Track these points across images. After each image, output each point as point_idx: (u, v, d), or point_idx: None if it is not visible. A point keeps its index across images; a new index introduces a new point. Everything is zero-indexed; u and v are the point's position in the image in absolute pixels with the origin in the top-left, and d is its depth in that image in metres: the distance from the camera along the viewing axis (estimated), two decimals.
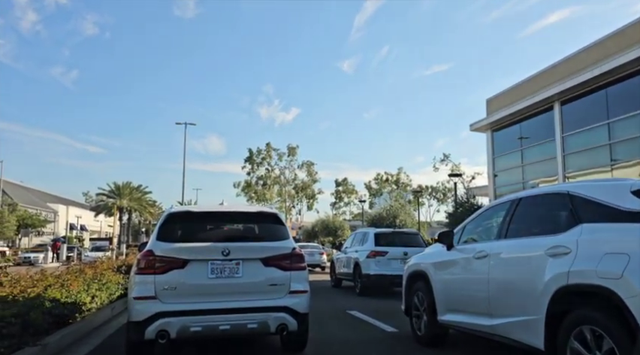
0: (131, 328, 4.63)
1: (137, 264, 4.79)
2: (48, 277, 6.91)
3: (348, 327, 7.40)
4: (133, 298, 4.60)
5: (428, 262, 5.89)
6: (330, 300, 11.67)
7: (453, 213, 22.16)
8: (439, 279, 5.52)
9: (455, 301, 5.20)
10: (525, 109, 20.82)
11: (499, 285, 4.40)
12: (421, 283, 5.98)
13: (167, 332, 4.45)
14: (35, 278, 6.66)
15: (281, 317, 4.73)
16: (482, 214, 5.40)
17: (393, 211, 28.79)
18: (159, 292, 4.55)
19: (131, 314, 4.60)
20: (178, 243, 4.79)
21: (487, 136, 24.17)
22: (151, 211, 68.29)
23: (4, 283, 5.70)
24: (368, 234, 13.12)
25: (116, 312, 8.37)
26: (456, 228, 5.67)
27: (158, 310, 4.48)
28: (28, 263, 30.72)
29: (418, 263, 6.26)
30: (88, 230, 73.02)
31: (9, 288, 5.69)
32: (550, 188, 4.54)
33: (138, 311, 4.51)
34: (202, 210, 5.41)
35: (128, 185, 63.24)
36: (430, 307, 5.65)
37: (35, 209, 57.54)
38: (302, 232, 60.28)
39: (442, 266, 5.53)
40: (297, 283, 4.92)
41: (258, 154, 66.12)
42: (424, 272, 5.90)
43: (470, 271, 4.93)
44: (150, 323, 4.43)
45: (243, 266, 4.77)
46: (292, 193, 68.96)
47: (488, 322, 4.49)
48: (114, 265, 9.87)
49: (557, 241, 3.74)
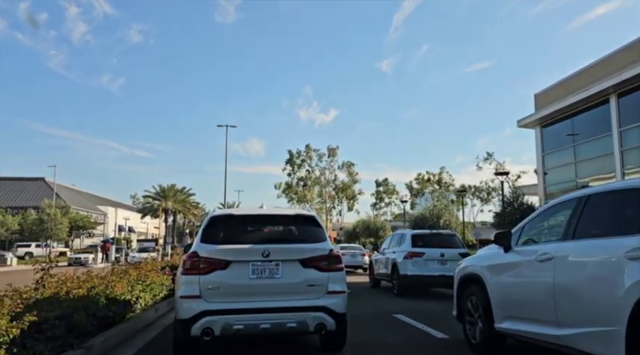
0: (178, 325, 4.87)
1: (182, 265, 5.00)
2: (93, 278, 6.96)
3: (395, 331, 7.08)
4: (179, 297, 4.86)
5: (483, 265, 5.49)
6: (372, 302, 11.44)
7: (501, 213, 21.29)
8: (496, 283, 5.11)
9: (515, 308, 4.79)
10: (577, 103, 19.73)
11: (568, 291, 3.97)
12: (474, 288, 5.59)
13: (212, 330, 4.66)
14: (81, 279, 6.71)
15: (319, 317, 4.85)
16: (543, 213, 4.97)
17: (437, 212, 28.03)
18: (204, 291, 4.76)
19: (178, 312, 4.86)
20: (221, 245, 4.98)
21: (536, 132, 23.11)
22: (194, 213, 69.88)
23: (50, 283, 5.73)
24: (405, 235, 13.26)
25: (160, 313, 8.38)
26: (513, 228, 5.24)
27: (203, 308, 4.68)
28: (78, 264, 31.92)
29: (471, 266, 5.86)
30: (135, 231, 75.43)
31: (55, 289, 5.71)
32: (626, 183, 4.07)
33: (185, 310, 4.75)
34: (243, 213, 5.73)
35: (173, 187, 64.93)
36: (485, 313, 5.25)
37: (86, 211, 59.91)
38: (343, 233, 59.95)
39: (500, 269, 5.12)
40: (334, 284, 5.03)
41: (298, 156, 66.30)
42: (478, 276, 5.50)
43: (532, 276, 4.51)
44: (196, 321, 4.65)
45: (283, 267, 4.92)
46: (332, 194, 68.71)
47: (555, 331, 4.07)
48: (158, 266, 9.91)
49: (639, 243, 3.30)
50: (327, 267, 5.04)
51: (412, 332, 7.04)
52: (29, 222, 41.52)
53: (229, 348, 5.85)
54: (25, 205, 49.40)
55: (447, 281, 11.86)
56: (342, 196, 69.03)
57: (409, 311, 9.20)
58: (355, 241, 44.78)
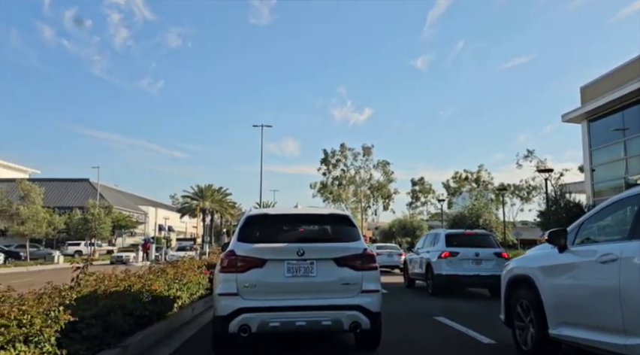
0: (216, 322, 4.99)
1: (220, 263, 5.13)
2: (131, 276, 6.96)
3: (438, 335, 6.75)
4: (217, 295, 4.99)
5: (535, 266, 5.11)
6: (410, 302, 11.17)
7: (545, 212, 20.41)
8: (551, 286, 4.73)
9: (572, 313, 4.41)
10: (628, 95, 18.67)
11: (636, 295, 3.59)
12: (525, 290, 5.22)
13: (249, 327, 4.76)
14: (119, 278, 6.71)
15: (354, 315, 4.88)
16: (603, 210, 4.56)
17: (476, 210, 27.18)
18: (241, 289, 4.87)
19: (216, 309, 4.99)
20: (257, 244, 5.08)
21: (583, 127, 22.05)
22: (231, 212, 70.82)
23: (88, 282, 5.72)
24: (439, 235, 13.26)
25: (197, 312, 8.34)
26: (569, 226, 4.85)
27: (240, 306, 4.80)
28: (120, 262, 32.79)
29: (520, 267, 5.49)
30: (175, 231, 77.12)
31: (93, 287, 5.71)
32: None
33: (222, 307, 4.88)
34: (278, 212, 5.88)
35: (210, 187, 66.00)
36: (538, 318, 4.88)
37: (128, 211, 61.62)
38: (378, 233, 59.38)
39: (554, 271, 4.74)
40: (369, 283, 5.05)
41: (333, 155, 66.10)
42: (528, 277, 5.13)
43: (593, 278, 4.12)
44: (233, 318, 4.77)
45: (317, 266, 4.98)
46: (367, 193, 68.17)
47: (621, 340, 3.69)
48: (195, 265, 9.91)
49: None
50: (361, 266, 5.06)
51: (456, 336, 6.70)
52: (75, 221, 43.01)
53: (266, 345, 5.90)
54: (71, 205, 51.17)
55: (482, 281, 12.07)
56: (377, 195, 68.37)
57: (449, 312, 8.90)
58: (391, 241, 44.20)
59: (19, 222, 31.54)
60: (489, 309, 10.25)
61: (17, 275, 22.44)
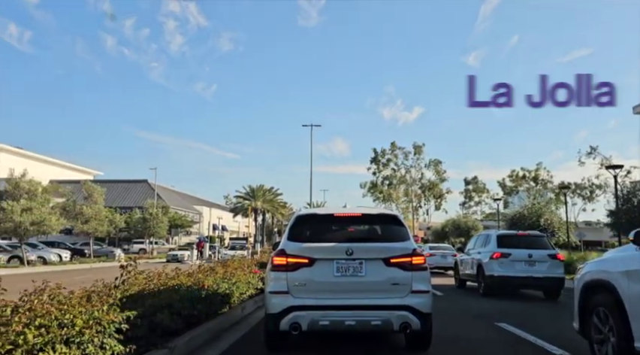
0: (268, 319, 5.10)
1: (271, 262, 5.22)
2: (180, 275, 6.90)
3: (505, 346, 6.23)
4: (269, 293, 5.09)
5: (616, 271, 4.53)
6: (467, 305, 10.72)
7: (616, 211, 18.96)
8: (637, 293, 4.16)
9: None
10: None
11: None
12: (603, 297, 4.65)
13: (299, 325, 4.82)
14: (169, 276, 6.66)
15: (404, 316, 4.84)
16: None
17: (537, 210, 25.73)
18: (291, 287, 4.95)
19: (268, 306, 5.09)
20: (306, 243, 5.15)
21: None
22: (282, 212, 71.52)
23: (137, 280, 5.67)
24: (490, 236, 13.24)
25: (247, 312, 8.21)
26: None
27: (290, 304, 4.88)
28: (175, 260, 33.79)
29: (598, 271, 4.91)
30: (228, 230, 78.89)
31: (143, 286, 5.65)
32: None
33: (274, 304, 4.97)
34: (327, 212, 5.88)
35: (261, 188, 66.93)
36: (620, 329, 4.31)
37: (184, 211, 63.61)
38: (431, 233, 57.98)
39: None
40: (418, 283, 5.01)
41: (383, 154, 65.19)
42: (608, 283, 4.55)
43: None
44: (284, 316, 4.86)
45: (366, 265, 4.97)
46: (419, 193, 66.72)
47: None
48: (245, 264, 9.85)
49: None
50: (411, 266, 5.02)
51: (524, 345, 6.16)
52: (134, 221, 44.86)
53: (318, 343, 5.97)
54: (131, 205, 53.45)
55: (535, 283, 11.88)
56: (429, 195, 66.79)
57: (508, 316, 8.44)
58: (444, 241, 42.94)
59: (83, 221, 33.17)
60: (550, 314, 9.71)
61: (80, 272, 23.56)
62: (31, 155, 62.42)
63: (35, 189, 26.85)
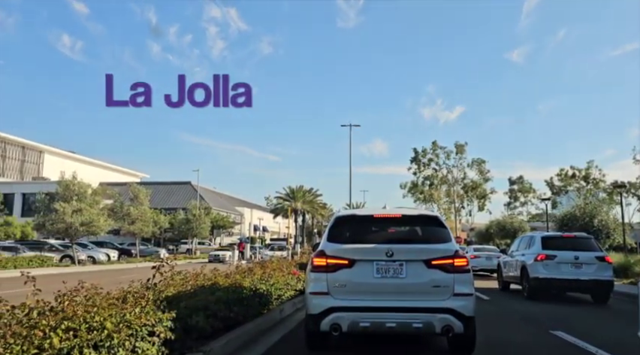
0: (308, 320, 5.13)
1: (311, 263, 5.25)
2: (217, 276, 6.82)
3: (556, 353, 5.80)
4: (309, 294, 5.13)
5: None
6: (513, 309, 10.22)
7: None
8: None
9: None
10: None
11: None
12: None
13: (340, 326, 4.82)
14: (207, 277, 6.59)
15: (445, 319, 4.76)
16: None
17: (590, 210, 24.36)
18: (331, 288, 4.95)
19: (308, 307, 5.13)
20: (346, 244, 5.13)
21: None
22: (322, 213, 71.53)
23: (174, 281, 5.61)
24: (535, 237, 13.04)
25: (285, 314, 8.06)
26: None
27: (331, 305, 4.88)
28: (217, 261, 34.29)
29: None
30: (269, 231, 79.64)
31: (181, 287, 5.58)
32: None
33: (314, 305, 5.00)
34: (366, 213, 5.84)
35: (301, 189, 67.16)
36: None
37: (226, 212, 64.66)
38: (474, 234, 56.37)
39: None
40: (461, 286, 4.91)
41: (424, 154, 63.96)
42: None
43: None
44: (325, 316, 4.86)
45: (407, 267, 4.91)
46: (461, 193, 65.02)
47: None
48: (283, 266, 9.72)
49: None
50: (453, 268, 4.93)
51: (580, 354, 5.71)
52: (178, 221, 45.93)
53: (359, 344, 5.91)
54: (175, 207, 54.75)
55: (582, 286, 11.52)
56: (471, 195, 64.94)
57: (555, 320, 8.08)
58: (489, 243, 41.56)
59: (130, 222, 34.21)
60: (601, 318, 9.23)
61: (125, 271, 24.22)
62: (82, 158, 65.27)
63: (85, 191, 27.85)
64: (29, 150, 62.40)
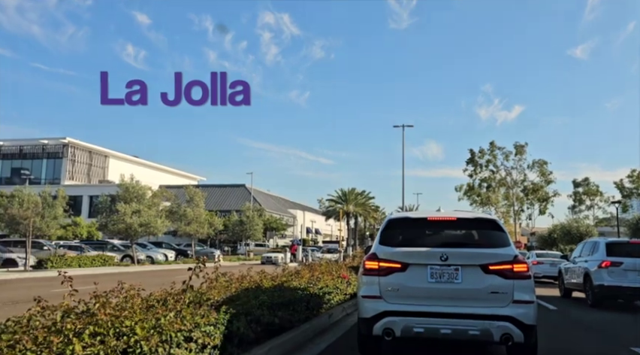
0: (361, 324, 5.05)
1: (362, 266, 5.19)
2: (263, 279, 6.60)
3: None
4: (361, 297, 5.04)
5: None
6: (578, 317, 9.49)
7: None
8: None
9: None
10: None
11: None
12: None
13: (392, 330, 4.73)
14: (253, 279, 6.39)
15: (504, 327, 4.57)
16: None
17: None
18: (384, 292, 4.87)
19: (360, 311, 5.06)
20: (398, 247, 5.03)
21: None
22: (374, 216, 70.74)
23: (219, 283, 5.43)
24: (598, 243, 12.63)
25: (334, 320, 7.75)
26: None
27: (383, 309, 4.79)
28: (270, 263, 34.56)
29: None
30: (321, 233, 79.78)
31: (222, 290, 5.38)
32: None
33: (366, 309, 4.92)
34: (419, 216, 5.62)
35: (353, 191, 66.71)
36: None
37: (278, 214, 65.38)
38: (535, 239, 53.67)
39: None
40: (521, 293, 4.71)
41: (482, 155, 61.59)
42: None
43: None
44: (377, 321, 4.78)
45: (462, 272, 4.75)
46: (521, 196, 62.02)
47: None
48: (332, 269, 9.42)
49: None
50: (512, 274, 4.72)
51: None
52: (232, 223, 46.86)
53: (412, 350, 5.76)
54: (229, 209, 55.97)
55: None
56: (532, 198, 61.73)
57: (628, 331, 7.49)
58: (552, 248, 39.31)
59: (186, 223, 35.18)
60: None
61: (180, 271, 24.79)
62: (144, 162, 68.20)
63: (143, 193, 28.89)
64: (96, 154, 65.91)
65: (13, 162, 62.75)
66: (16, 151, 63.20)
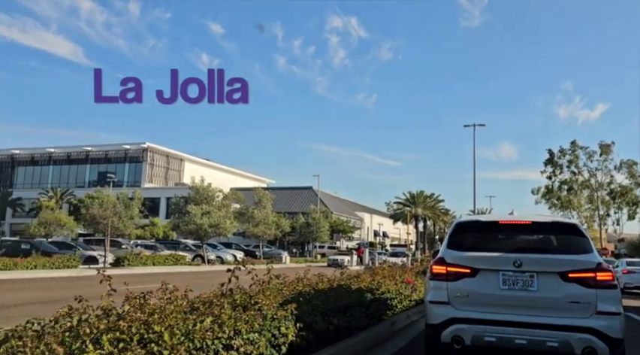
0: (428, 330, 4.94)
1: (430, 270, 5.06)
2: (319, 282, 6.21)
3: None
4: (428, 302, 4.93)
5: None
6: None
7: None
8: None
9: None
10: None
11: None
12: None
13: (462, 338, 4.56)
14: (308, 283, 6.04)
15: (586, 339, 4.28)
16: None
17: None
18: (452, 298, 4.71)
19: (428, 316, 4.93)
20: (467, 252, 4.86)
21: None
22: (444, 219, 68.58)
23: (272, 285, 5.13)
24: None
25: (397, 328, 7.22)
26: None
27: (452, 315, 4.65)
28: (336, 265, 34.28)
29: None
30: (389, 236, 78.54)
31: (275, 293, 5.07)
32: None
33: (433, 314, 4.80)
34: (491, 219, 5.48)
35: (421, 194, 65.11)
36: None
37: (346, 216, 65.13)
38: (624, 246, 49.39)
39: None
40: (605, 303, 4.41)
41: (562, 155, 57.47)
42: None
43: None
44: (445, 327, 4.63)
45: (538, 279, 4.52)
46: (607, 199, 57.21)
47: None
48: (395, 273, 8.90)
49: None
50: (595, 283, 4.43)
51: None
52: (299, 225, 47.26)
53: None
54: (297, 211, 56.54)
55: None
56: (620, 202, 56.72)
57: None
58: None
59: (254, 224, 35.85)
60: None
61: (244, 272, 25.18)
62: (217, 166, 70.88)
63: (212, 195, 29.75)
64: (172, 158, 69.37)
65: (99, 166, 67.50)
66: (102, 156, 67.95)
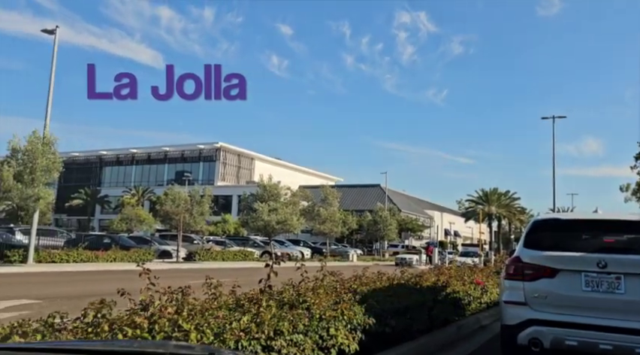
0: (503, 331, 4.87)
1: (506, 269, 5.01)
2: (377, 281, 5.83)
3: None
4: (503, 302, 4.85)
5: None
6: None
7: None
8: None
9: None
10: None
11: None
12: None
13: (540, 341, 4.41)
14: (365, 281, 5.69)
15: None
16: None
17: None
18: (529, 299, 4.58)
19: (503, 317, 4.88)
20: (546, 251, 4.71)
21: None
22: (521, 218, 64.99)
23: (322, 283, 4.84)
24: None
25: (464, 332, 6.68)
26: None
27: (529, 317, 4.51)
28: (404, 264, 33.48)
29: None
30: (460, 236, 75.79)
31: (327, 291, 4.77)
32: None
33: (509, 315, 4.71)
34: (572, 217, 5.40)
35: (495, 191, 62.11)
36: None
37: (414, 215, 63.66)
38: None
39: None
40: None
41: None
42: None
43: None
44: (522, 329, 4.51)
45: (626, 281, 4.32)
46: None
47: None
48: (464, 273, 8.32)
49: None
50: None
51: None
52: (366, 223, 46.79)
53: None
54: (364, 209, 56.09)
55: None
56: None
57: None
58: None
59: (320, 221, 35.91)
60: None
61: (312, 268, 25.20)
62: (287, 164, 72.09)
63: (278, 192, 30.13)
64: (243, 157, 71.47)
65: (176, 165, 70.95)
66: (178, 155, 71.39)
